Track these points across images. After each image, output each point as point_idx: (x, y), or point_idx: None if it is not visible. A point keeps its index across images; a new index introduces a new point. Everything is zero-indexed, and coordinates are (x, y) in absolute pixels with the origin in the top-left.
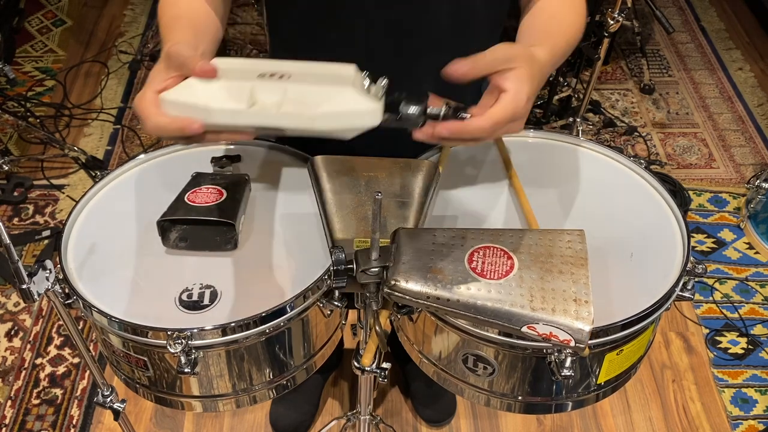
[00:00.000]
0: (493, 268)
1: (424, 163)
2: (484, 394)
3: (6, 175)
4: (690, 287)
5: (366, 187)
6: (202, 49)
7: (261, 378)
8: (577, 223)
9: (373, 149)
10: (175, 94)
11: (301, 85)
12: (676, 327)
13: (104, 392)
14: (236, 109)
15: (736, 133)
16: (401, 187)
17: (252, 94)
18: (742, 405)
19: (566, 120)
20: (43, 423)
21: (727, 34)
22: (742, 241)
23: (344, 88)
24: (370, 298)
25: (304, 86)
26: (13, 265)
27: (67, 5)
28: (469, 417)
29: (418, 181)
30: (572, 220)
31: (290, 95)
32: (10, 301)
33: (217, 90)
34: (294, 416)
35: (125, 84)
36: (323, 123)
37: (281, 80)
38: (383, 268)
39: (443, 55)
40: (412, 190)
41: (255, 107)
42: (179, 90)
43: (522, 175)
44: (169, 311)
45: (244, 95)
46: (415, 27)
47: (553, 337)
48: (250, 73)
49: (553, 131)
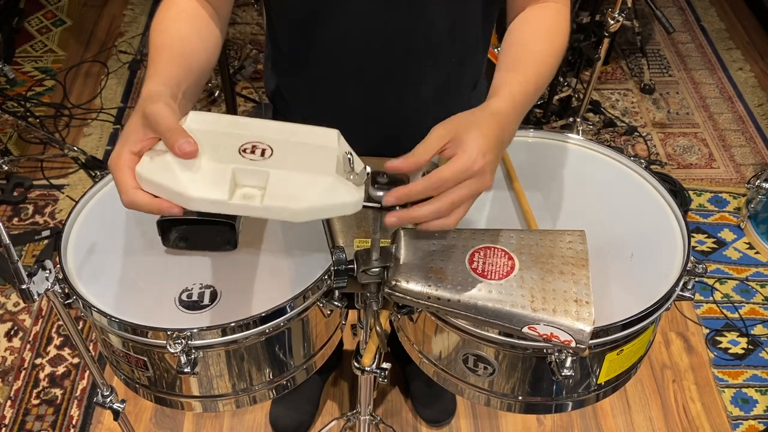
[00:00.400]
0: (494, 269)
1: None
2: (484, 394)
3: (6, 175)
4: (690, 287)
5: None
6: (185, 86)
7: (261, 378)
8: (577, 223)
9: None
10: (152, 173)
11: (282, 170)
12: (677, 327)
13: (104, 392)
14: (217, 199)
15: (736, 133)
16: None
17: (233, 179)
18: (742, 405)
19: (566, 120)
20: (43, 423)
21: (727, 34)
22: (743, 241)
23: (327, 178)
24: (370, 299)
25: (286, 172)
26: (13, 265)
27: (67, 5)
28: (469, 417)
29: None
30: (572, 220)
31: (272, 183)
32: (10, 301)
33: (196, 173)
34: (294, 416)
35: (125, 84)
36: (305, 216)
37: (263, 160)
38: (384, 269)
39: (440, 58)
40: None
41: (236, 199)
42: (156, 167)
43: (522, 175)
44: (169, 311)
45: (225, 181)
46: (412, 30)
47: (553, 338)
48: (231, 144)
49: (554, 131)
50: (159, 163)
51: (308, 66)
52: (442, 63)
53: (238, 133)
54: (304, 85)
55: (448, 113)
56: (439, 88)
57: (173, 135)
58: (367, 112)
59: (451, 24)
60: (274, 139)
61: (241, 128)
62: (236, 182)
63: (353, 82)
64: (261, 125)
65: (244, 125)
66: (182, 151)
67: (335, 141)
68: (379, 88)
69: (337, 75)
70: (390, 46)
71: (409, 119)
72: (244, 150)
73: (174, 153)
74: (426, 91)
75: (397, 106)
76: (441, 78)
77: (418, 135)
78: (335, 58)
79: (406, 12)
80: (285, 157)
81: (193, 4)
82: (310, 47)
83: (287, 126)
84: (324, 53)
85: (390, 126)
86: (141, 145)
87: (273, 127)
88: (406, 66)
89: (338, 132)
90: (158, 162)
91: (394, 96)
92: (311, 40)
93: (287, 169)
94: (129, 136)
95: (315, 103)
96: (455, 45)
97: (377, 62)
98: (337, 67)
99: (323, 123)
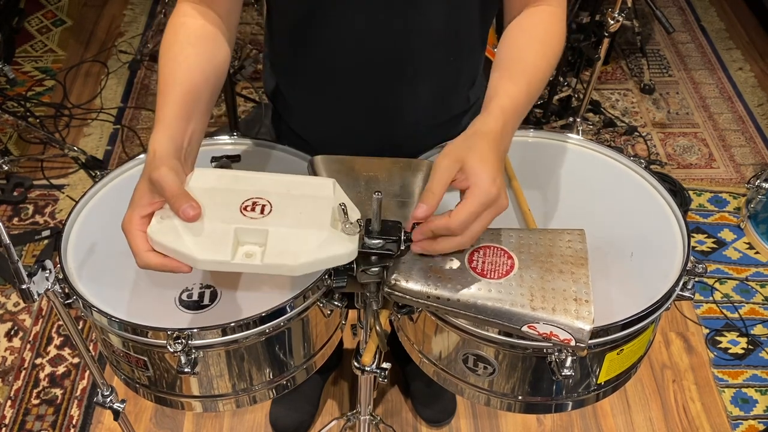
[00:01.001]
0: (494, 268)
1: (423, 163)
2: (484, 394)
3: (6, 175)
4: (690, 287)
5: (366, 186)
6: (192, 128)
7: (261, 378)
8: (577, 222)
9: (373, 150)
10: (161, 236)
11: (280, 227)
12: (676, 327)
13: (104, 392)
14: (222, 260)
15: (736, 133)
16: (401, 187)
17: (235, 238)
18: (742, 405)
19: (566, 120)
20: (43, 423)
21: (727, 34)
22: (742, 241)
23: (322, 233)
24: (370, 298)
25: (284, 230)
26: (13, 265)
27: (67, 5)
28: (469, 417)
29: (418, 181)
30: (572, 219)
31: (271, 241)
32: (10, 301)
33: (201, 236)
34: (294, 416)
35: (125, 84)
36: (302, 270)
37: (262, 218)
38: (383, 268)
39: (438, 58)
40: (412, 190)
41: (239, 258)
42: (165, 231)
43: (522, 175)
44: (169, 311)
45: (228, 241)
46: (409, 30)
47: (553, 337)
48: (233, 202)
49: (554, 131)
50: (167, 226)
51: (306, 66)
52: (439, 62)
53: (239, 189)
54: (303, 84)
55: (446, 112)
56: (436, 88)
57: (177, 200)
58: (365, 112)
59: (448, 24)
60: (273, 193)
61: (242, 184)
62: (238, 240)
63: (351, 81)
64: (260, 180)
65: (245, 180)
66: (186, 216)
67: (331, 191)
68: (377, 87)
69: (335, 75)
70: (387, 46)
71: (406, 118)
72: (245, 207)
73: (179, 217)
74: (423, 90)
75: (395, 105)
76: (438, 77)
77: (415, 134)
78: (333, 58)
79: (403, 12)
80: (283, 212)
81: (200, 22)
82: (308, 47)
83: (285, 178)
84: (322, 53)
85: (388, 125)
86: (150, 209)
87: (272, 181)
88: (404, 66)
89: (334, 181)
90: (166, 225)
91: (392, 95)
92: (309, 39)
93: (285, 226)
94: (138, 201)
95: (314, 103)
96: (452, 45)
97: (375, 62)
98: (334, 67)
99: (322, 123)
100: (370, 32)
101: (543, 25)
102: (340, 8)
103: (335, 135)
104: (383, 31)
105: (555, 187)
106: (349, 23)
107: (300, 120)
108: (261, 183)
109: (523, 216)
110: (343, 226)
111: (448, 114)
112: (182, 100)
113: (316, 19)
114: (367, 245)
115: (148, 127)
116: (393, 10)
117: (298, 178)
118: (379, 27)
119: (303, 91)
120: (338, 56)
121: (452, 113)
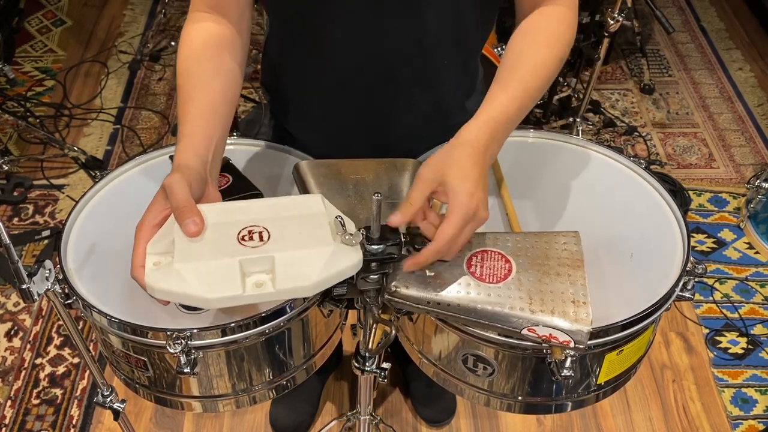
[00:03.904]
0: (492, 272)
1: (409, 162)
2: (484, 394)
3: (6, 175)
4: (690, 287)
5: (354, 190)
6: (215, 140)
7: (261, 378)
8: (577, 223)
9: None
10: (163, 283)
11: (285, 251)
12: (676, 327)
13: (104, 392)
14: (233, 295)
15: (736, 133)
16: (389, 188)
17: (241, 270)
18: (742, 405)
19: (566, 120)
20: (43, 423)
21: (727, 34)
22: (742, 241)
23: (327, 249)
24: (370, 303)
25: (289, 253)
26: (13, 265)
27: (67, 5)
28: (469, 417)
29: (405, 180)
30: (572, 220)
31: (279, 267)
32: (10, 301)
33: (206, 273)
34: (294, 416)
35: (125, 84)
36: (316, 289)
37: (263, 245)
38: (383, 275)
39: (434, 62)
40: (400, 191)
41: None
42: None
43: (522, 175)
44: (169, 311)
45: (235, 275)
46: (404, 34)
47: (553, 339)
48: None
49: (553, 131)
50: (166, 271)
51: (301, 70)
52: (435, 69)
53: (231, 220)
54: (298, 88)
55: (442, 120)
56: (432, 94)
57: (183, 212)
58: (360, 116)
59: (445, 27)
60: (266, 219)
61: (233, 215)
62: (245, 272)
63: (346, 85)
64: (249, 208)
65: (235, 211)
66: (187, 231)
67: (321, 206)
68: (372, 91)
69: (330, 79)
70: (383, 49)
71: (401, 123)
72: (242, 238)
73: (182, 229)
74: (418, 94)
75: (390, 109)
76: (434, 84)
77: (410, 138)
78: (328, 62)
79: (399, 15)
80: (283, 235)
81: (214, 29)
82: (304, 50)
83: (272, 202)
84: (317, 57)
85: (383, 131)
86: (162, 216)
87: (260, 207)
88: (399, 69)
89: (321, 196)
90: (165, 270)
91: (387, 99)
92: (304, 43)
93: (289, 250)
94: (151, 207)
95: (310, 107)
96: (449, 48)
97: (370, 65)
98: (330, 71)
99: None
100: (364, 36)
101: (550, 28)
102: (335, 13)
103: (330, 139)
104: (377, 35)
105: (555, 188)
106: (345, 28)
107: (296, 123)
108: (251, 210)
109: (509, 220)
110: (343, 237)
111: (446, 122)
112: (203, 117)
113: (311, 22)
114: (370, 252)
115: (148, 127)
116: (389, 15)
117: (285, 200)
118: (373, 30)
119: (298, 95)
120: (333, 60)
121: (449, 122)
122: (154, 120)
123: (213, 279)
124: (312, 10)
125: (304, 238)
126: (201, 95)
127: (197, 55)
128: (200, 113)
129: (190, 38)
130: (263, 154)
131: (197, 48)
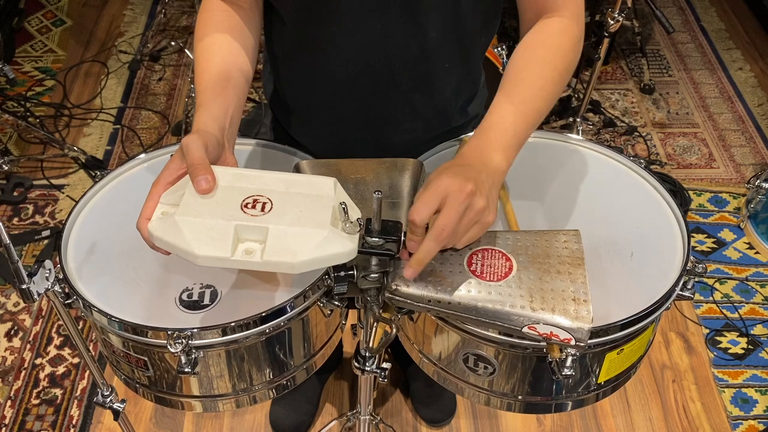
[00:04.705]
0: (493, 270)
1: (408, 161)
2: (485, 394)
3: (6, 175)
4: (690, 287)
5: (355, 189)
6: (231, 112)
7: (261, 378)
8: (577, 223)
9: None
10: (161, 232)
11: (281, 225)
12: (676, 327)
13: (104, 392)
14: (221, 257)
15: (736, 133)
16: (390, 188)
17: (236, 234)
18: (742, 405)
19: (566, 120)
20: (43, 423)
21: (727, 34)
22: (742, 241)
23: (322, 232)
24: (371, 302)
25: (284, 227)
26: (13, 265)
27: (67, 5)
28: (469, 417)
29: (406, 180)
30: (572, 220)
31: (271, 238)
32: (10, 301)
33: (202, 230)
34: (294, 416)
35: (125, 84)
36: (302, 268)
37: (263, 215)
38: (383, 273)
39: (435, 66)
40: (401, 190)
41: (238, 255)
42: (166, 228)
43: (522, 175)
44: (169, 311)
45: (228, 238)
46: (406, 38)
47: (553, 337)
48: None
49: (553, 131)
50: (168, 222)
51: (303, 73)
52: (437, 72)
53: (241, 186)
54: (300, 91)
55: (444, 124)
56: (433, 99)
57: (196, 169)
58: (361, 119)
59: (447, 33)
60: (274, 191)
61: (244, 181)
62: (238, 237)
63: (347, 89)
64: (262, 178)
65: (247, 178)
66: (198, 187)
67: (332, 190)
68: (373, 95)
69: (331, 82)
70: (384, 55)
71: (402, 127)
72: (246, 205)
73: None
74: (420, 99)
75: (391, 113)
76: (436, 87)
77: (411, 142)
78: (330, 65)
79: (401, 19)
80: (284, 210)
81: (227, 14)
82: (305, 52)
83: (287, 177)
84: (318, 59)
85: (384, 134)
86: (177, 174)
87: (274, 179)
88: (401, 75)
89: (335, 180)
90: (167, 221)
91: (388, 103)
92: (305, 47)
93: (285, 224)
94: (170, 164)
95: (311, 109)
96: (451, 54)
97: (371, 69)
98: (331, 74)
99: (318, 130)
100: (366, 39)
101: (550, 41)
102: (337, 18)
103: (331, 142)
104: (379, 39)
105: (555, 187)
106: (346, 32)
107: (297, 126)
108: (263, 181)
109: (507, 219)
110: (343, 225)
111: (447, 125)
112: (219, 86)
113: (312, 27)
114: (368, 244)
115: (148, 127)
116: (391, 21)
117: (300, 177)
118: (374, 34)
119: (300, 98)
120: (334, 64)
121: (451, 125)
122: (154, 120)
123: (206, 237)
124: (314, 15)
125: (303, 216)
126: (216, 66)
127: (212, 33)
128: (216, 84)
129: (205, 20)
130: (263, 153)
131: (212, 27)
